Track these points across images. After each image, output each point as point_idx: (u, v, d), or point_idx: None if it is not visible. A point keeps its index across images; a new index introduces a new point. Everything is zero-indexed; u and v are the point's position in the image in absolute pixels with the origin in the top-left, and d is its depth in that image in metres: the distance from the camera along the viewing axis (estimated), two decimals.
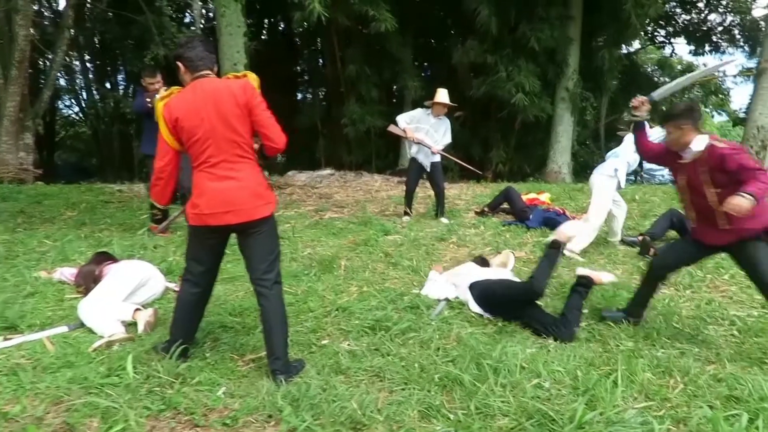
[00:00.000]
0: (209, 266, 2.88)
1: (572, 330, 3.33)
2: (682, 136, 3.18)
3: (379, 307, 3.69)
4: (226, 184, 2.68)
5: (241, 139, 2.69)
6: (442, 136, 6.42)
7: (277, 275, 2.85)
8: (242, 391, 2.66)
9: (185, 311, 2.90)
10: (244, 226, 2.73)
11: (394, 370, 2.86)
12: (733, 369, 2.99)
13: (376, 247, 5.24)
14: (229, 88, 2.65)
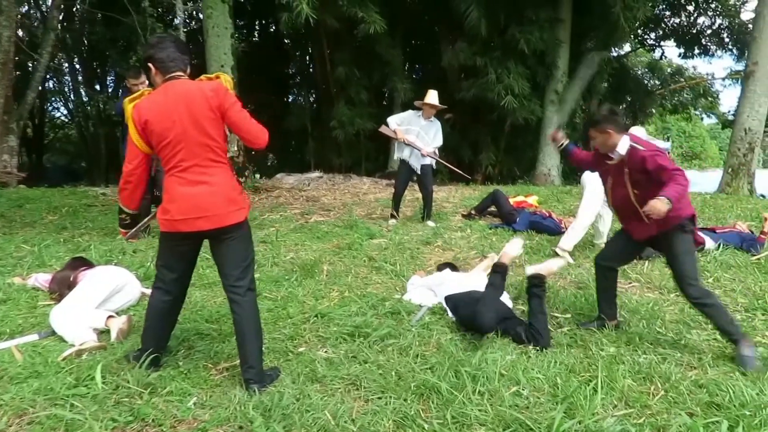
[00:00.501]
0: (181, 273, 2.81)
1: (546, 335, 3.25)
2: (608, 140, 3.27)
3: (359, 312, 3.64)
4: (197, 189, 2.61)
5: (214, 143, 2.63)
6: (432, 138, 6.37)
7: (251, 282, 2.79)
8: (214, 401, 2.59)
9: (156, 319, 2.83)
10: (217, 232, 2.67)
11: (371, 378, 2.80)
12: (715, 374, 2.95)
13: (360, 251, 5.18)
14: (202, 91, 2.59)
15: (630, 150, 3.22)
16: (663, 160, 3.11)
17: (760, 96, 10.45)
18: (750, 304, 4.00)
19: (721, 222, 6.58)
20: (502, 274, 3.47)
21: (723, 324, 3.20)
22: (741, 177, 10.63)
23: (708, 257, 5.07)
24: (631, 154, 3.22)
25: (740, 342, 3.12)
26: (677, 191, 2.98)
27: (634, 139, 3.27)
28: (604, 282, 3.64)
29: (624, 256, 3.69)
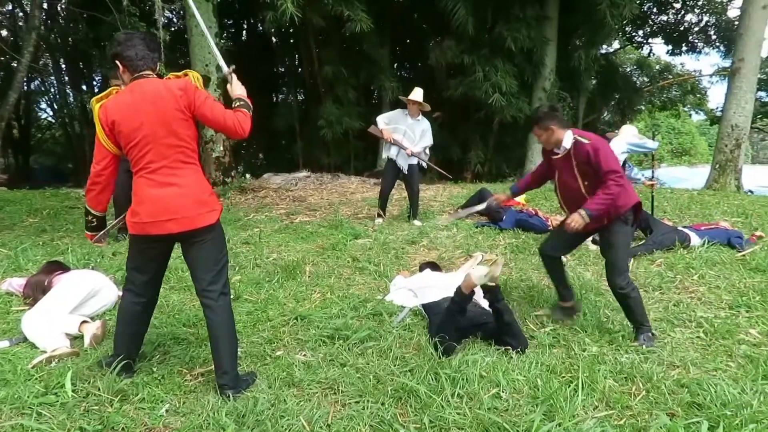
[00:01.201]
0: (152, 276, 2.75)
1: (521, 337, 3.17)
2: (551, 136, 3.38)
3: (340, 315, 3.58)
4: (167, 190, 2.55)
5: (184, 143, 2.57)
6: (419, 138, 6.30)
7: (224, 286, 2.72)
8: (187, 408, 2.53)
9: (128, 323, 2.77)
10: (188, 234, 2.60)
11: (348, 382, 2.75)
12: (697, 373, 2.93)
13: (345, 252, 5.12)
14: (170, 90, 2.52)
15: (575, 143, 3.31)
16: (603, 157, 3.21)
17: (746, 92, 10.50)
18: (734, 301, 3.98)
19: (707, 219, 6.57)
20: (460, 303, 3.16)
21: (637, 315, 3.36)
22: (728, 173, 10.67)
23: (693, 254, 5.05)
24: (576, 147, 3.31)
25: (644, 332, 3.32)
26: (601, 203, 3.18)
27: (578, 133, 3.37)
28: (552, 269, 3.74)
29: (568, 245, 3.79)
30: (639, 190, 8.42)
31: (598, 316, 3.67)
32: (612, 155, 3.27)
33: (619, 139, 5.59)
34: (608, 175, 3.18)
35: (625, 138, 5.56)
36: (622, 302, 3.40)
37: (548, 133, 3.37)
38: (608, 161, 3.21)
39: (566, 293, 3.71)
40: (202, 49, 9.27)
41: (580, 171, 3.32)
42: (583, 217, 3.23)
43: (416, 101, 6.19)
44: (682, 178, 19.10)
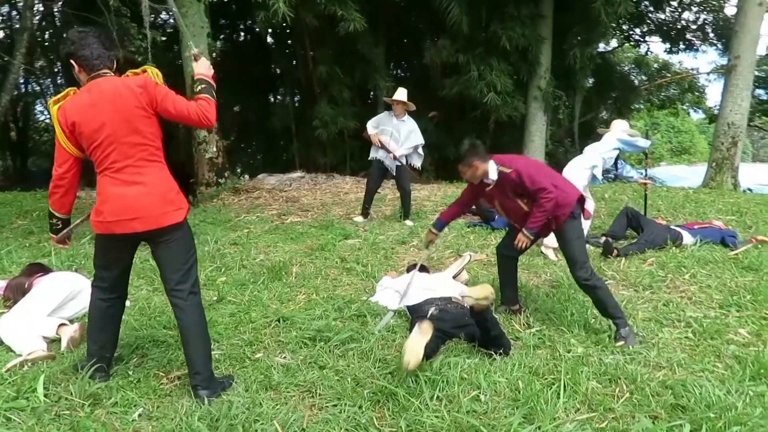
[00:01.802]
0: (119, 274, 2.70)
1: (506, 344, 3.10)
2: (476, 171, 3.50)
3: (323, 316, 3.54)
4: (131, 189, 2.50)
5: (148, 141, 2.52)
6: (406, 138, 6.27)
7: (194, 285, 2.68)
8: (160, 413, 2.48)
9: (98, 324, 2.73)
10: (154, 233, 2.56)
11: (327, 385, 2.70)
12: (683, 375, 2.88)
13: (333, 252, 5.08)
14: (130, 88, 2.47)
15: (500, 173, 3.46)
16: (528, 180, 3.36)
17: (743, 90, 10.44)
18: (724, 300, 3.93)
19: (701, 217, 6.52)
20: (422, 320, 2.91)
21: (609, 307, 3.38)
22: (725, 171, 10.61)
23: (686, 253, 5.00)
24: (502, 177, 3.46)
25: (621, 327, 3.32)
26: (538, 219, 3.38)
27: (498, 161, 3.50)
28: (505, 269, 3.81)
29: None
30: (633, 189, 8.39)
31: (585, 317, 3.62)
32: (536, 174, 3.40)
33: (610, 135, 5.52)
34: (538, 194, 3.34)
35: (615, 134, 5.48)
36: (591, 295, 3.46)
37: (473, 170, 3.50)
38: (534, 182, 3.35)
39: (512, 297, 3.77)
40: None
41: (515, 194, 3.48)
42: (527, 236, 3.48)
43: (400, 101, 6.17)
44: (681, 177, 19.04)
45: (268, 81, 16.34)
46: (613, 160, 5.53)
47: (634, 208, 5.78)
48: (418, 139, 6.41)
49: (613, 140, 5.38)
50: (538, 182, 3.35)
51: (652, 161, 7.79)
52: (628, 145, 5.44)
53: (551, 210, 3.37)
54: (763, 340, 3.30)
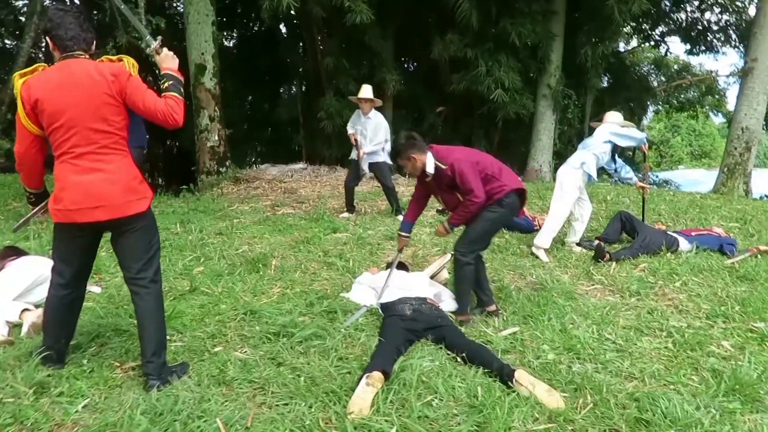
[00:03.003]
0: (79, 266, 2.65)
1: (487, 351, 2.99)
2: (415, 164, 3.53)
3: (292, 311, 3.46)
4: (93, 176, 2.44)
5: (112, 129, 2.46)
6: (373, 134, 6.23)
7: (155, 273, 2.63)
8: (106, 404, 2.43)
9: (54, 318, 2.67)
10: (117, 223, 2.50)
11: (281, 383, 2.63)
12: (654, 387, 2.76)
13: (318, 246, 5.01)
14: (102, 74, 2.40)
15: (436, 168, 3.48)
16: (460, 179, 3.42)
17: (759, 94, 10.17)
18: (712, 310, 3.78)
19: (704, 223, 6.34)
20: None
21: (461, 290, 3.56)
22: (737, 177, 10.36)
23: (680, 260, 4.84)
24: (438, 172, 3.48)
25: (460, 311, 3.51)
26: (460, 216, 3.53)
27: (436, 152, 3.51)
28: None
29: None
30: (628, 192, 8.17)
31: (563, 322, 3.49)
32: (468, 174, 3.41)
33: (602, 128, 5.31)
34: (466, 195, 3.44)
35: (607, 127, 5.25)
36: (456, 268, 3.57)
37: (411, 162, 3.53)
38: (464, 182, 3.41)
39: (486, 297, 3.70)
40: (198, 37, 9.19)
41: (452, 187, 3.53)
42: (446, 229, 3.66)
43: (365, 99, 6.16)
44: (699, 181, 18.65)
45: (278, 72, 16.30)
46: (607, 155, 5.26)
47: (629, 212, 5.62)
48: (384, 134, 6.36)
49: (605, 133, 5.18)
50: (468, 182, 3.41)
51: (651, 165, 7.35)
52: (621, 137, 5.16)
53: (475, 210, 3.46)
54: (745, 354, 3.16)
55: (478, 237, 3.57)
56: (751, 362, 3.02)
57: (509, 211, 3.61)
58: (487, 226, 3.57)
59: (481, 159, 3.60)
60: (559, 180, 5.30)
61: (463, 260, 3.52)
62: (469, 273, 3.54)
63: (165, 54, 2.63)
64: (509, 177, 3.59)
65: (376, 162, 6.29)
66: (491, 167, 3.55)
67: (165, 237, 5.02)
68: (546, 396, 2.52)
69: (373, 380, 2.49)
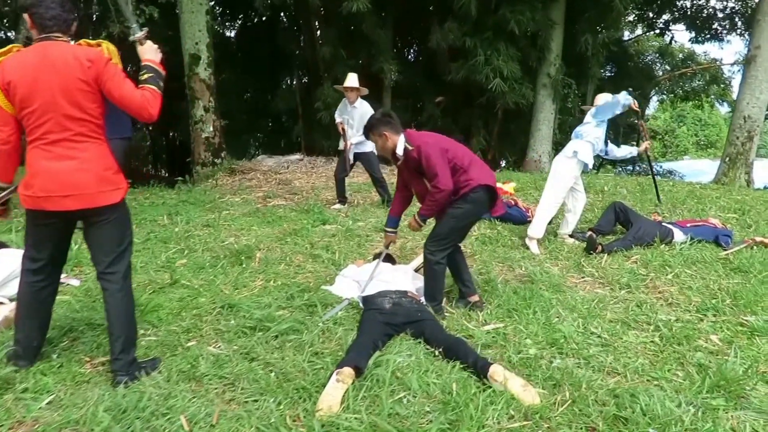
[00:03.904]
0: (51, 254, 2.58)
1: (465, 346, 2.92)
2: (386, 142, 3.41)
3: (271, 304, 3.40)
4: (65, 164, 2.37)
5: (88, 116, 2.39)
6: (359, 124, 6.12)
7: (127, 269, 2.57)
8: (71, 401, 2.38)
9: (25, 310, 2.62)
10: (88, 213, 2.44)
11: (253, 379, 2.57)
12: (636, 382, 2.68)
13: (305, 238, 4.94)
14: (78, 59, 2.33)
15: (405, 151, 3.35)
16: (426, 162, 3.26)
17: (762, 82, 9.96)
18: (702, 303, 3.69)
19: (701, 214, 6.22)
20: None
21: (432, 288, 3.44)
22: (738, 167, 10.19)
23: (673, 251, 4.74)
24: (407, 154, 3.35)
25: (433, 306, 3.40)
26: (428, 207, 3.38)
27: (408, 138, 3.37)
28: (449, 262, 3.57)
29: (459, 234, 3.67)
30: (638, 182, 8.06)
31: (548, 315, 3.42)
32: (433, 158, 3.27)
33: (589, 112, 5.18)
34: (431, 181, 3.28)
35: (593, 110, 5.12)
36: (426, 267, 3.47)
37: (382, 140, 3.41)
38: (430, 166, 3.26)
39: (466, 289, 3.59)
40: (192, 26, 9.10)
41: (420, 173, 3.38)
42: (418, 222, 3.54)
43: (351, 87, 6.07)
44: (704, 171, 18.43)
45: (278, 62, 16.19)
46: (602, 140, 5.13)
47: (623, 203, 5.52)
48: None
49: (589, 117, 5.06)
50: (433, 167, 3.25)
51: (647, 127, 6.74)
52: (604, 109, 5.01)
53: (442, 200, 3.31)
54: (733, 348, 3.07)
55: (444, 234, 3.41)
56: (738, 357, 2.94)
57: (475, 207, 3.42)
58: (452, 223, 3.40)
59: (452, 148, 3.42)
60: (553, 169, 5.20)
61: (432, 259, 3.39)
62: (440, 272, 3.43)
63: (148, 45, 2.57)
64: (479, 171, 3.40)
65: (364, 152, 6.22)
66: (461, 159, 3.38)
67: (151, 229, 4.97)
68: (521, 391, 2.45)
69: (343, 376, 2.42)
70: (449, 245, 3.43)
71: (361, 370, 2.55)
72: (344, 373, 2.44)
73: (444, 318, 3.38)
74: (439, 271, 3.41)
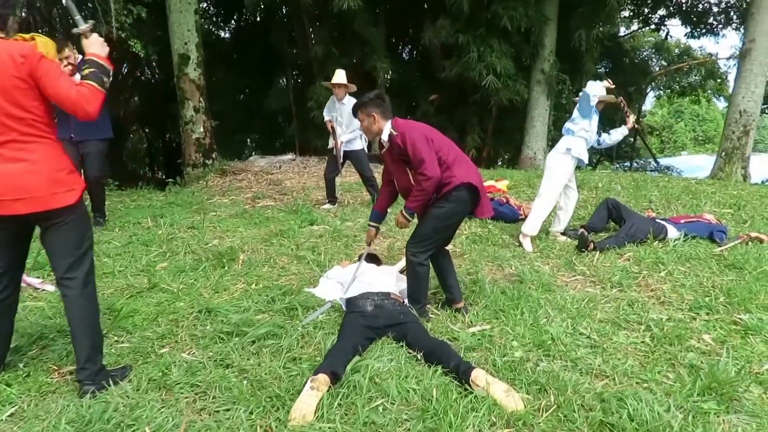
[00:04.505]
0: (9, 262, 2.48)
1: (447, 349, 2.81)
2: (372, 123, 3.29)
3: (251, 308, 3.30)
4: (14, 166, 2.26)
5: (31, 115, 2.28)
6: (349, 121, 6.03)
7: (88, 273, 2.46)
8: (34, 413, 2.28)
9: None
10: (41, 216, 2.33)
11: (226, 387, 2.47)
12: (625, 385, 2.59)
13: (292, 239, 4.84)
14: (11, 56, 2.22)
15: (390, 137, 3.22)
16: (411, 148, 3.11)
17: (757, 76, 9.89)
18: (695, 302, 3.59)
19: (695, 210, 6.13)
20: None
21: (415, 291, 3.31)
22: (734, 162, 10.12)
23: (667, 248, 4.65)
24: (391, 141, 3.21)
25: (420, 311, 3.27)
26: (415, 199, 3.18)
27: (394, 125, 3.24)
28: (434, 264, 3.48)
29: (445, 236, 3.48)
30: (633, 177, 7.95)
31: (536, 316, 3.32)
32: (419, 144, 3.11)
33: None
34: (417, 169, 3.12)
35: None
36: (408, 270, 3.34)
37: (370, 120, 3.28)
38: (416, 152, 3.11)
39: (450, 295, 3.46)
40: (180, 26, 8.99)
41: (405, 162, 3.23)
42: (405, 217, 3.31)
43: (338, 84, 5.95)
44: (702, 167, 18.32)
45: (272, 62, 16.09)
46: (594, 133, 5.01)
47: (616, 200, 5.42)
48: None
49: (575, 111, 4.96)
50: (419, 152, 3.09)
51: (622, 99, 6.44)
52: (582, 106, 4.85)
53: (430, 189, 3.12)
54: (726, 348, 2.98)
55: (426, 235, 3.25)
56: (731, 357, 2.85)
57: (458, 206, 3.23)
58: (434, 223, 3.23)
59: (438, 139, 3.25)
60: (547, 166, 5.10)
61: (414, 261, 3.25)
62: (423, 273, 3.28)
63: (93, 38, 2.45)
64: (463, 169, 3.22)
65: (353, 150, 6.11)
66: (446, 153, 3.21)
67: (133, 232, 4.87)
68: (504, 397, 2.36)
69: (318, 384, 2.32)
70: (431, 246, 3.28)
71: (338, 377, 2.45)
72: (319, 380, 2.34)
73: (428, 320, 3.27)
74: (421, 273, 3.28)
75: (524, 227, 4.99)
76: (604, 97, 4.80)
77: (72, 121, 4.57)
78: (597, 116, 4.94)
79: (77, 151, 4.71)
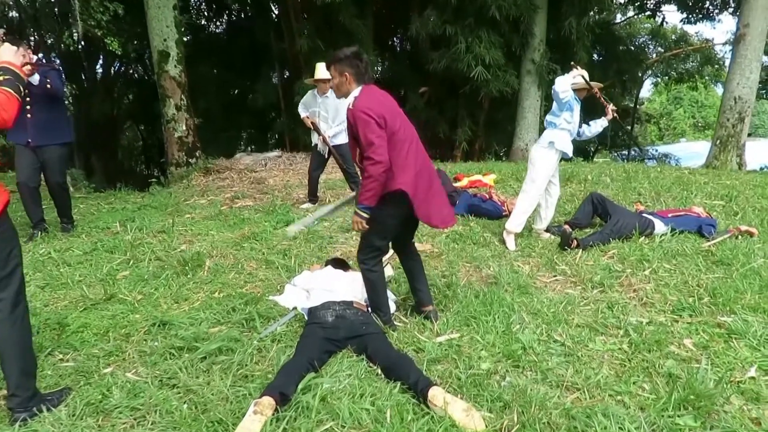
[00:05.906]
0: None
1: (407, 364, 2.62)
2: (342, 83, 2.93)
3: (207, 319, 3.14)
4: None
5: None
6: (335, 114, 5.82)
7: (17, 293, 2.29)
8: None
9: None
10: None
11: (168, 410, 2.31)
12: (597, 399, 2.42)
13: (264, 242, 4.67)
14: None
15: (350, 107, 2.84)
16: (361, 129, 2.76)
17: (752, 61, 9.68)
18: (678, 303, 3.42)
19: (686, 202, 5.95)
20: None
21: (374, 299, 3.12)
22: (729, 149, 9.92)
23: (653, 244, 4.47)
24: (349, 111, 2.85)
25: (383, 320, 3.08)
26: (365, 192, 2.82)
27: (361, 93, 2.87)
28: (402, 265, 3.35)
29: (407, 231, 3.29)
30: (624, 168, 7.73)
31: (508, 323, 3.15)
32: (368, 127, 2.75)
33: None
34: (365, 152, 2.77)
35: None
36: (364, 278, 3.13)
37: (341, 79, 2.92)
38: (365, 134, 2.75)
39: (418, 299, 3.27)
40: (159, 22, 8.78)
41: (355, 138, 2.89)
42: (360, 215, 2.89)
43: (321, 79, 5.74)
44: (701, 154, 18.07)
45: (258, 56, 15.86)
46: (576, 123, 4.80)
47: (601, 194, 5.24)
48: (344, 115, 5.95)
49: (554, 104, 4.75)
50: (367, 137, 2.74)
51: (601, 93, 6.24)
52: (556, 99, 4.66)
53: (379, 176, 2.75)
54: (708, 355, 2.81)
55: (368, 241, 3.03)
56: (712, 365, 2.68)
57: (393, 208, 2.94)
58: (372, 226, 2.95)
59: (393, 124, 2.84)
60: (531, 160, 4.91)
61: (364, 268, 3.08)
62: (376, 280, 3.09)
63: (6, 47, 2.28)
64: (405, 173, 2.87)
65: (336, 145, 5.89)
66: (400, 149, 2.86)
67: (99, 238, 4.70)
68: (463, 417, 2.19)
69: (261, 407, 2.16)
70: (375, 251, 3.06)
71: (287, 398, 2.29)
72: (263, 404, 2.17)
73: (395, 329, 3.10)
74: (374, 280, 3.08)
75: (508, 224, 4.81)
76: (577, 84, 4.60)
77: (29, 125, 4.39)
78: (578, 106, 4.74)
79: (35, 156, 4.54)
